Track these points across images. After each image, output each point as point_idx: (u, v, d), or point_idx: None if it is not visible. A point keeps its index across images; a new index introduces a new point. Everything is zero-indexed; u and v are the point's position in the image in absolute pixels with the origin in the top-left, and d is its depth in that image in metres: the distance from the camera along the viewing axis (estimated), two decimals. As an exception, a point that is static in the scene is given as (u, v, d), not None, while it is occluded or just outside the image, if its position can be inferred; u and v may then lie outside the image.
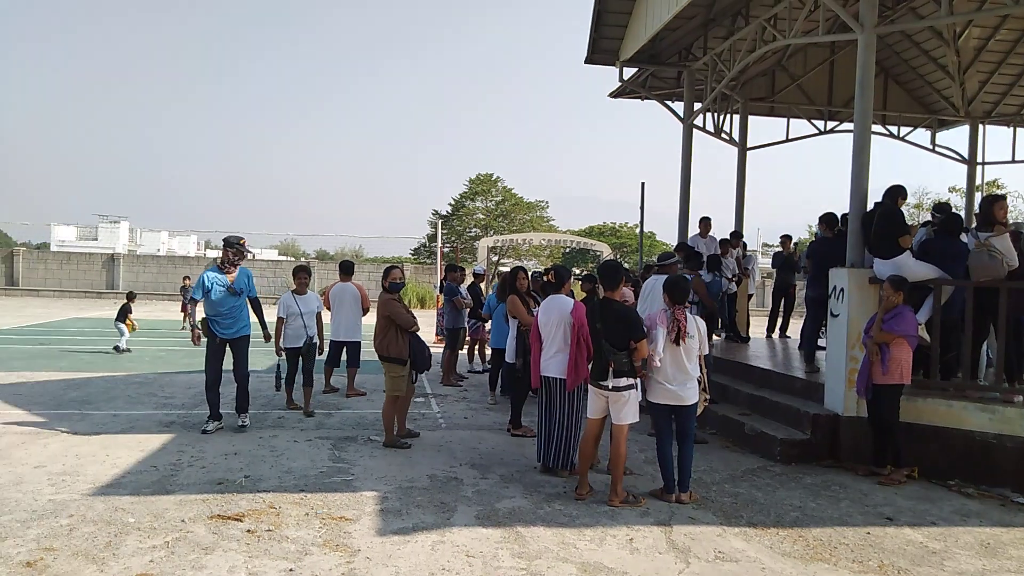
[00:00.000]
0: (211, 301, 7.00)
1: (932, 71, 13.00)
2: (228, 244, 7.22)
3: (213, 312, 7.04)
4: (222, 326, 7.07)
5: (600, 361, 5.41)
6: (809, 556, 4.49)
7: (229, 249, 7.17)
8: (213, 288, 6.98)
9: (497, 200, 54.41)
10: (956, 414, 6.32)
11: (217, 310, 7.03)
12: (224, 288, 7.03)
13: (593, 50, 11.16)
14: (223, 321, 7.07)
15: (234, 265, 7.18)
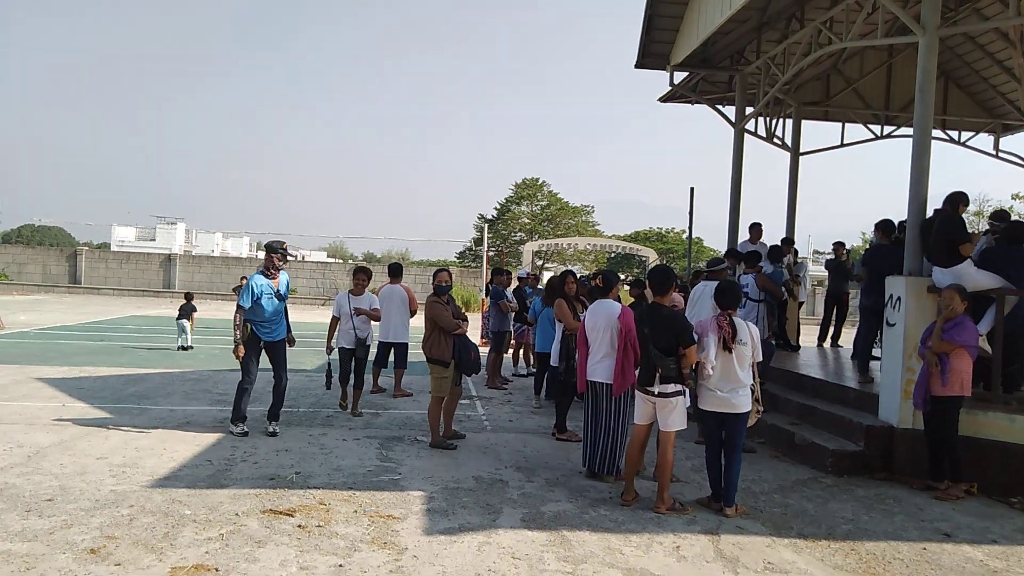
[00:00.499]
0: (259, 307, 7.06)
1: (996, 74, 12.56)
2: (272, 249, 7.23)
3: (259, 317, 7.09)
4: (267, 330, 7.16)
5: (648, 366, 5.38)
6: (862, 570, 4.39)
7: (274, 255, 7.20)
8: (262, 295, 7.07)
9: (543, 204, 54.42)
10: (1019, 429, 6.10)
11: (265, 316, 7.10)
12: (272, 294, 7.13)
13: (644, 54, 11.10)
14: (269, 326, 7.17)
15: (278, 270, 7.27)
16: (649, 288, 5.67)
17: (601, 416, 6.02)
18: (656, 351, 5.28)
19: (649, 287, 5.66)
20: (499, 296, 10.95)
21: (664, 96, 12.37)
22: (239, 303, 7.07)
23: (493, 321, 11.03)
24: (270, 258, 7.21)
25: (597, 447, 6.05)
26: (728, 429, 5.42)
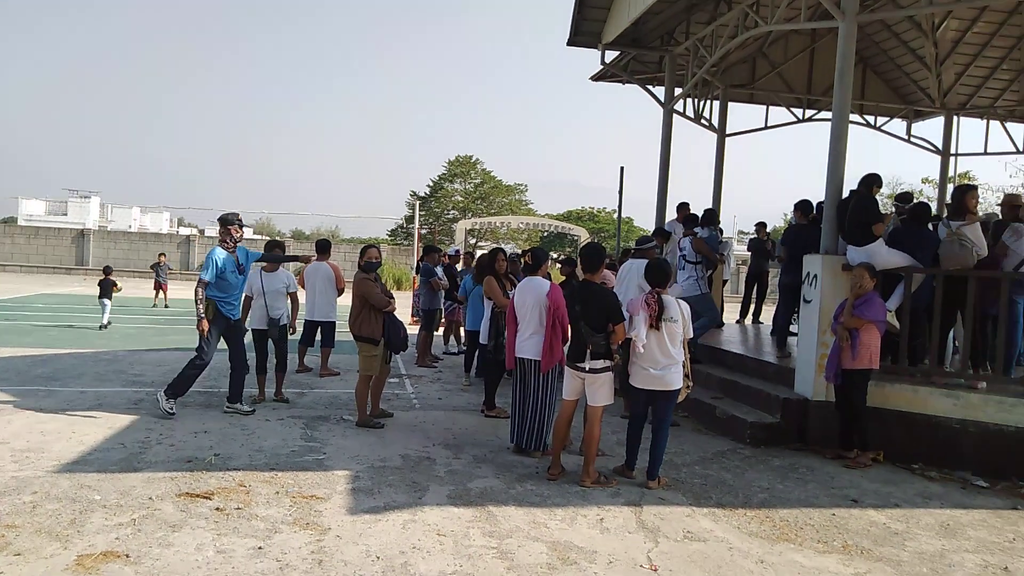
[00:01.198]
0: (224, 282, 6.79)
1: (910, 62, 13.10)
2: (229, 222, 6.93)
3: (225, 293, 6.82)
4: (231, 307, 6.92)
5: (578, 343, 5.42)
6: (775, 536, 4.56)
7: (231, 226, 6.91)
8: (226, 269, 6.79)
9: (476, 183, 54.18)
10: (922, 399, 6.44)
11: (229, 291, 6.86)
12: (235, 268, 6.87)
13: (575, 32, 11.09)
14: (233, 302, 6.93)
15: (237, 242, 7.00)
16: (580, 266, 5.69)
17: (529, 392, 6.05)
18: (587, 328, 5.32)
19: (580, 265, 5.68)
20: (430, 274, 10.85)
21: (596, 75, 12.41)
22: (201, 277, 6.77)
23: (423, 299, 10.92)
24: (227, 230, 6.92)
25: (525, 423, 6.08)
26: (657, 405, 5.52)
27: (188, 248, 32.01)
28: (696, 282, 8.71)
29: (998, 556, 4.40)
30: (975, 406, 6.22)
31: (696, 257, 8.78)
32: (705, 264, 8.79)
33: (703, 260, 8.77)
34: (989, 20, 11.96)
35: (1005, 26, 12.01)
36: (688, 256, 8.83)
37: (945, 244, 6.71)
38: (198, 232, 40.68)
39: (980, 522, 5.01)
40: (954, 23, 12.02)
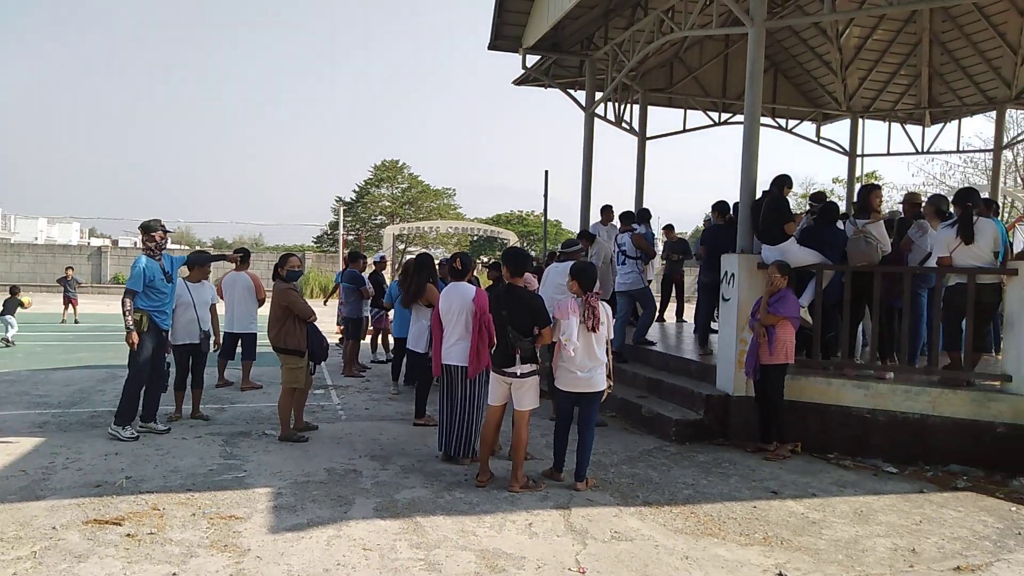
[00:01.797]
0: (155, 292, 6.47)
1: (818, 67, 13.68)
2: (151, 228, 6.63)
3: (157, 303, 6.52)
4: (165, 317, 6.62)
5: (505, 348, 5.39)
6: (700, 532, 4.65)
7: (155, 232, 6.61)
8: (155, 278, 6.46)
9: (403, 187, 53.67)
10: (835, 391, 6.70)
11: (163, 301, 6.56)
12: (163, 276, 6.56)
13: (496, 36, 11.11)
14: (167, 311, 6.64)
15: (162, 249, 6.70)
16: (504, 270, 5.67)
17: (456, 399, 6.00)
18: (514, 332, 5.31)
19: (504, 269, 5.67)
20: (358, 281, 10.61)
21: (518, 79, 12.46)
22: (128, 287, 6.43)
23: (348, 307, 10.70)
24: (151, 237, 6.62)
25: (453, 430, 6.03)
26: (583, 407, 5.56)
27: (100, 260, 30.56)
28: (639, 276, 9.16)
29: (907, 539, 4.60)
30: (884, 396, 6.51)
31: (636, 252, 9.16)
32: (644, 259, 9.20)
33: (642, 255, 9.17)
34: (887, 28, 12.61)
35: (902, 34, 12.69)
36: (628, 252, 9.20)
37: (852, 241, 7.02)
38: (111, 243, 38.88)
39: (890, 507, 5.23)
40: (856, 30, 12.62)
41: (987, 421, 6.13)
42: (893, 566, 4.18)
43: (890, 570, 4.13)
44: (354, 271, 10.71)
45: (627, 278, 9.21)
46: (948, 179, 30.63)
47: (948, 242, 6.40)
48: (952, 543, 4.55)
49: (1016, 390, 6.09)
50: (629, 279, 9.19)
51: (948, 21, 12.22)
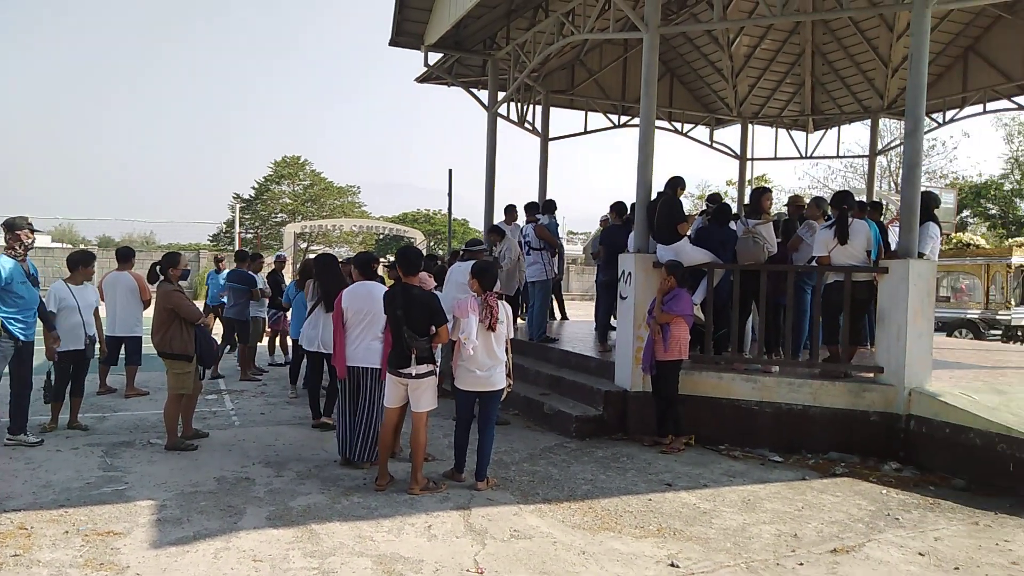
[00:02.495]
0: (12, 296, 5.90)
1: (711, 74, 14.24)
2: (17, 226, 6.11)
3: (15, 309, 5.93)
4: (25, 326, 6.03)
5: (401, 348, 5.30)
6: (597, 526, 4.73)
7: (21, 232, 6.10)
8: (13, 280, 5.89)
9: (305, 184, 52.27)
10: (726, 385, 6.98)
11: (21, 307, 5.98)
12: (26, 279, 6.00)
13: (397, 32, 10.95)
14: (28, 320, 6.05)
15: (27, 249, 6.15)
16: (398, 269, 5.58)
17: (360, 402, 5.89)
18: (410, 332, 5.23)
19: (398, 268, 5.57)
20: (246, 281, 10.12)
21: (420, 77, 12.35)
22: None
23: (235, 309, 10.13)
24: (15, 236, 6.10)
25: (356, 434, 5.90)
26: (483, 406, 5.55)
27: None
28: (543, 267, 9.36)
29: (790, 524, 4.84)
30: (770, 388, 6.84)
31: (540, 244, 9.36)
32: (549, 250, 9.38)
33: (547, 246, 9.37)
34: (774, 39, 13.28)
35: (787, 44, 13.40)
36: (532, 243, 9.42)
37: (741, 241, 7.34)
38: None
39: (775, 495, 5.49)
40: (746, 39, 13.22)
41: (862, 410, 6.54)
42: (777, 551, 4.39)
43: (774, 555, 4.33)
44: (242, 271, 10.25)
45: (532, 269, 9.44)
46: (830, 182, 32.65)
47: (826, 242, 6.78)
48: (830, 527, 4.82)
49: (887, 381, 6.53)
50: (534, 270, 9.41)
51: (828, 34, 12.99)
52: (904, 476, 6.02)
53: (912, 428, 6.33)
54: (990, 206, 31.96)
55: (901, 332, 6.35)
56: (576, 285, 34.52)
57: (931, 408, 6.19)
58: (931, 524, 4.89)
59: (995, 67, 11.85)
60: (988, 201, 31.88)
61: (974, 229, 29.93)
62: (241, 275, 10.10)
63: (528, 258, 9.53)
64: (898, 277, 6.39)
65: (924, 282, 6.39)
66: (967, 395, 6.26)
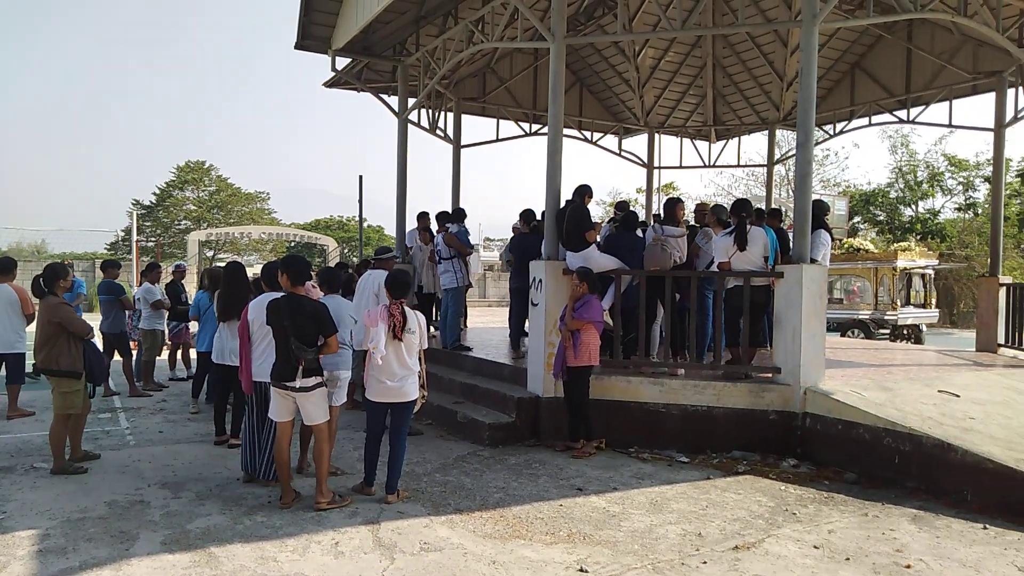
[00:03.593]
0: None
1: (618, 84, 14.57)
2: None
3: None
4: None
5: (288, 360, 5.13)
6: (508, 535, 4.73)
7: None
8: None
9: (211, 190, 50.39)
10: (634, 388, 7.13)
11: None
12: None
13: (303, 36, 10.69)
14: None
15: None
16: (284, 278, 5.39)
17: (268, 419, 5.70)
18: (297, 343, 5.08)
19: (285, 277, 5.38)
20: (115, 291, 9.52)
21: (328, 81, 12.09)
22: None
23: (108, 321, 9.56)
24: None
25: (264, 451, 5.70)
26: (395, 417, 5.46)
27: None
28: (455, 276, 9.36)
29: (694, 524, 4.98)
30: (676, 391, 7.03)
31: (450, 252, 9.36)
32: (460, 258, 9.40)
33: (458, 254, 9.37)
34: (677, 51, 13.72)
35: (690, 57, 13.87)
36: (443, 252, 9.42)
37: (650, 248, 7.51)
38: None
39: (682, 495, 5.64)
40: (651, 51, 13.60)
41: (761, 410, 6.82)
42: (682, 551, 4.50)
43: (679, 555, 4.43)
44: (110, 281, 9.68)
45: (444, 278, 9.48)
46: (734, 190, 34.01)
47: (726, 249, 7.04)
48: (732, 524, 4.98)
49: (784, 380, 6.82)
50: (445, 279, 9.43)
51: (728, 48, 13.53)
52: (801, 472, 6.31)
53: (808, 425, 6.64)
54: (878, 213, 34.07)
55: (796, 334, 6.66)
56: (493, 291, 34.62)
57: (824, 406, 6.51)
58: (825, 517, 5.13)
59: (878, 83, 12.64)
60: (876, 208, 33.98)
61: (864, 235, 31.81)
62: (109, 286, 9.56)
63: (440, 267, 9.56)
64: (792, 281, 6.70)
65: (816, 286, 6.73)
66: (857, 392, 6.62)
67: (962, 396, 6.84)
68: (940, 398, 6.73)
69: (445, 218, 10.04)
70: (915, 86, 12.05)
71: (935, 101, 12.06)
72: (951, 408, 6.45)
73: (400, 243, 11.15)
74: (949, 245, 28.44)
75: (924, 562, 4.33)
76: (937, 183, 33.30)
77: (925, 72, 11.83)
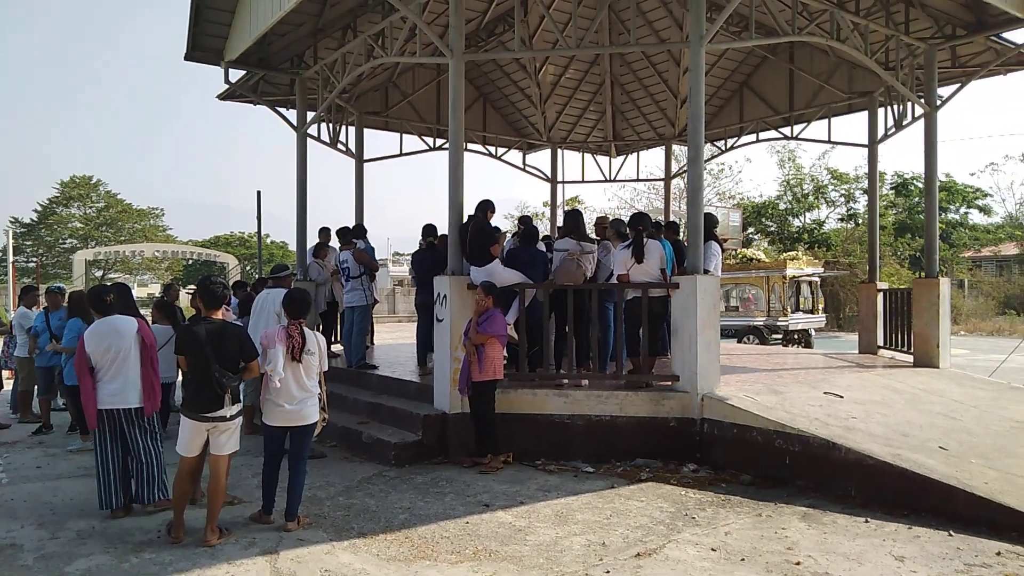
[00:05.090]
0: None
1: (521, 100, 14.77)
2: None
3: None
4: None
5: (210, 389, 4.88)
6: (413, 556, 4.65)
7: None
8: None
9: (99, 207, 47.68)
10: (540, 401, 7.18)
11: None
12: None
13: (193, 46, 10.26)
14: None
15: None
16: (200, 302, 5.17)
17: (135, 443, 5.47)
18: (221, 370, 4.85)
19: (199, 301, 5.16)
20: None
21: (222, 94, 11.64)
22: None
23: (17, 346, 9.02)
24: None
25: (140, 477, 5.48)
26: (294, 441, 5.29)
27: None
28: (362, 293, 9.24)
29: (598, 533, 5.04)
30: (581, 402, 7.13)
31: (358, 270, 9.21)
32: (368, 275, 9.31)
33: (366, 271, 9.25)
34: (577, 68, 14.05)
35: (589, 74, 14.23)
36: (351, 271, 9.25)
37: (566, 263, 7.56)
38: None
39: (587, 505, 5.71)
40: (552, 68, 13.87)
41: (663, 417, 7.00)
42: (586, 561, 4.54)
43: (583, 566, 4.47)
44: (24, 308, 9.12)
45: (350, 295, 9.30)
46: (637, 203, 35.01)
47: (624, 261, 7.22)
48: (635, 532, 5.08)
49: (682, 388, 7.04)
50: (352, 296, 9.27)
51: (625, 67, 13.97)
52: (700, 476, 6.51)
53: (706, 431, 6.88)
54: (770, 224, 35.89)
55: (692, 342, 6.89)
56: (403, 307, 34.24)
57: (720, 411, 6.76)
58: (723, 520, 5.31)
59: (765, 101, 13.34)
60: (768, 219, 35.80)
61: (757, 245, 33.45)
62: None
63: (346, 285, 9.37)
64: (687, 292, 6.94)
65: (710, 295, 6.99)
66: (750, 397, 6.91)
67: (845, 397, 7.25)
68: (826, 399, 7.11)
69: (349, 234, 9.86)
70: (798, 104, 12.79)
71: (816, 119, 12.82)
72: (835, 409, 6.83)
73: (301, 260, 10.85)
74: (834, 253, 30.24)
75: (812, 558, 4.54)
76: (821, 195, 35.44)
77: (806, 91, 12.58)
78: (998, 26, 8.92)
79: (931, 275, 9.60)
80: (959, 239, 37.80)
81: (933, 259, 9.69)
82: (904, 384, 8.19)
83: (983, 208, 40.18)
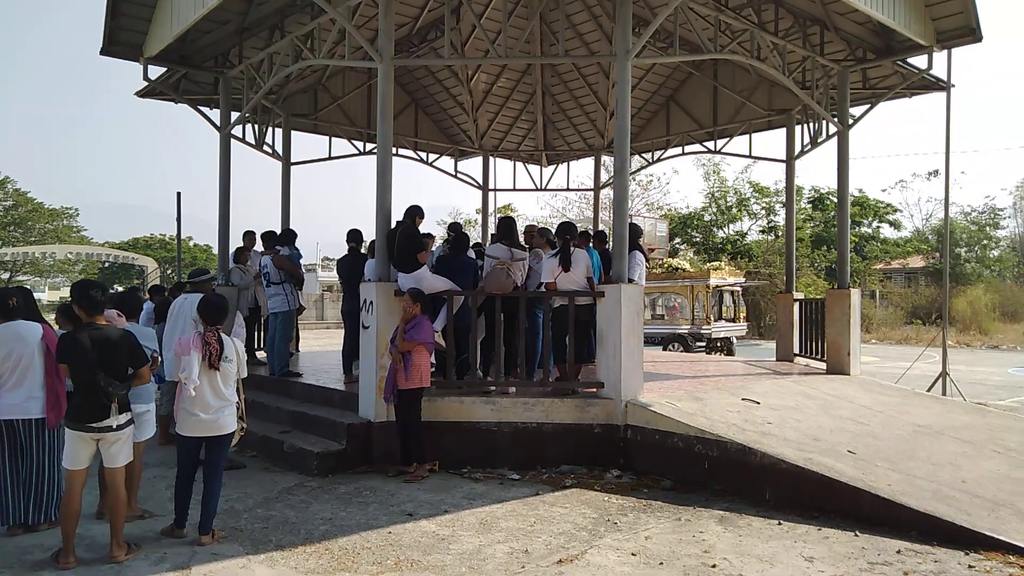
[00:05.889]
0: None
1: (453, 107, 14.75)
2: None
3: None
4: None
5: (96, 398, 4.65)
6: (333, 568, 4.55)
7: None
8: None
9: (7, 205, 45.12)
10: (467, 409, 7.16)
11: None
12: None
13: (111, 41, 9.82)
14: None
15: None
16: (79, 308, 4.88)
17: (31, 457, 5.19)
18: (107, 378, 4.63)
19: (80, 308, 4.87)
20: None
21: (141, 91, 11.21)
22: None
23: None
24: None
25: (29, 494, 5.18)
26: (209, 452, 5.11)
27: None
28: (285, 299, 9.06)
29: (522, 541, 5.05)
30: (507, 409, 7.14)
31: (280, 276, 9.04)
32: (291, 281, 9.12)
33: (289, 278, 9.08)
34: (509, 78, 14.13)
35: (521, 84, 14.33)
36: (272, 277, 9.08)
37: (496, 271, 7.56)
38: None
39: (511, 513, 5.71)
40: (484, 76, 13.91)
41: (587, 424, 7.09)
42: (508, 569, 4.55)
43: (505, 574, 4.48)
44: None
45: (273, 301, 9.13)
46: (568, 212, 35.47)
47: (552, 269, 7.30)
48: (558, 538, 5.11)
49: (607, 395, 7.14)
50: (275, 302, 9.09)
51: (556, 77, 14.14)
52: (623, 482, 6.62)
53: (629, 437, 7.00)
54: (695, 234, 36.97)
55: (616, 349, 7.01)
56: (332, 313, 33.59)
57: (643, 417, 6.89)
58: (643, 525, 5.41)
59: (690, 115, 13.73)
60: (693, 230, 36.86)
61: (683, 255, 34.38)
62: None
63: (268, 290, 9.17)
64: (612, 300, 7.06)
65: (634, 304, 7.13)
66: (672, 403, 7.07)
67: (762, 403, 7.51)
68: (743, 406, 7.34)
69: (274, 239, 9.63)
70: (721, 119, 13.21)
71: (738, 134, 13.27)
72: (752, 415, 7.06)
73: (223, 264, 10.53)
74: (755, 264, 31.35)
75: (728, 560, 4.67)
76: (744, 208, 36.74)
77: (729, 107, 13.00)
78: (903, 51, 9.45)
79: (843, 286, 10.06)
80: (871, 251, 39.76)
81: (845, 271, 10.16)
82: (817, 390, 8.54)
83: (893, 223, 42.43)
